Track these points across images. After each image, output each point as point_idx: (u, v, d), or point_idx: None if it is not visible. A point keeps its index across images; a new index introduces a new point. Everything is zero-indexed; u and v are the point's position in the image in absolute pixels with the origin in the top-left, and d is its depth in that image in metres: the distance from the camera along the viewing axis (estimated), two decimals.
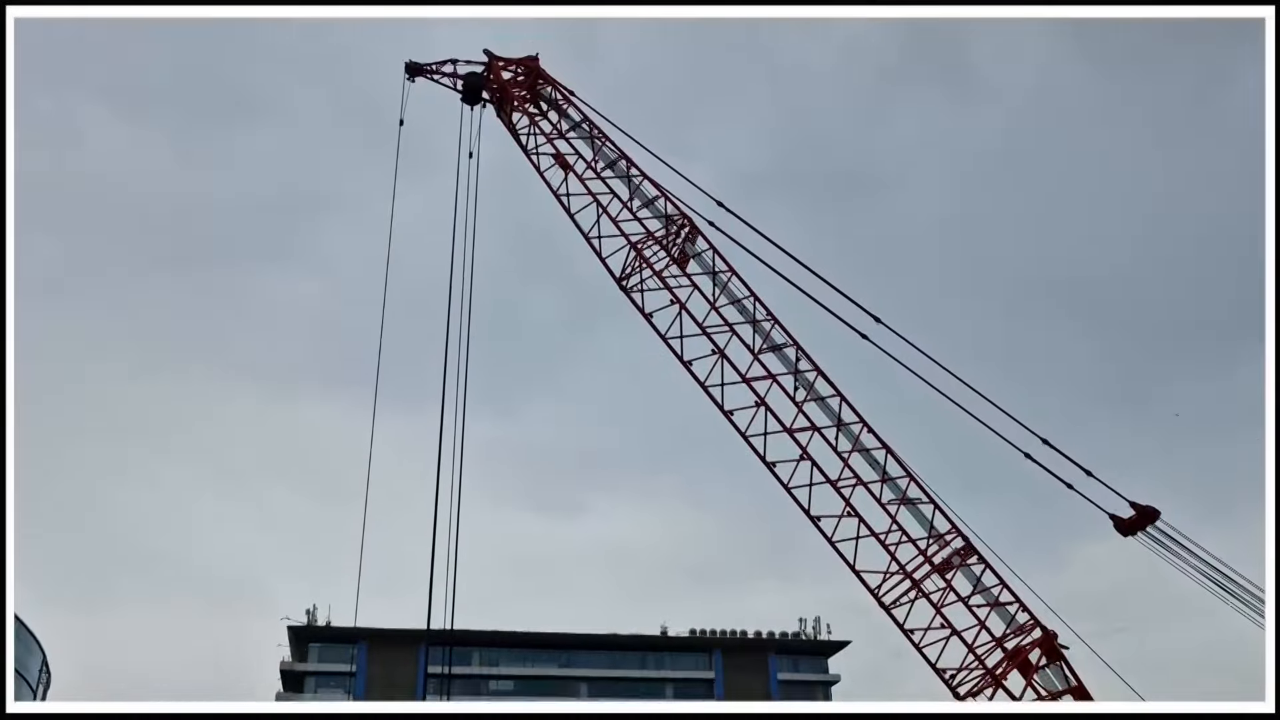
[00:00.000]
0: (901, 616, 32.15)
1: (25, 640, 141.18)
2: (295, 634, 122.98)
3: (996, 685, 30.29)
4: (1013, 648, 30.69)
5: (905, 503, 32.35)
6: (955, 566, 31.79)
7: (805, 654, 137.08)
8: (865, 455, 32.96)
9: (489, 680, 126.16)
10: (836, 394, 33.22)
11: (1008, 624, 31.18)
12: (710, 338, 34.17)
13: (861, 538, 32.43)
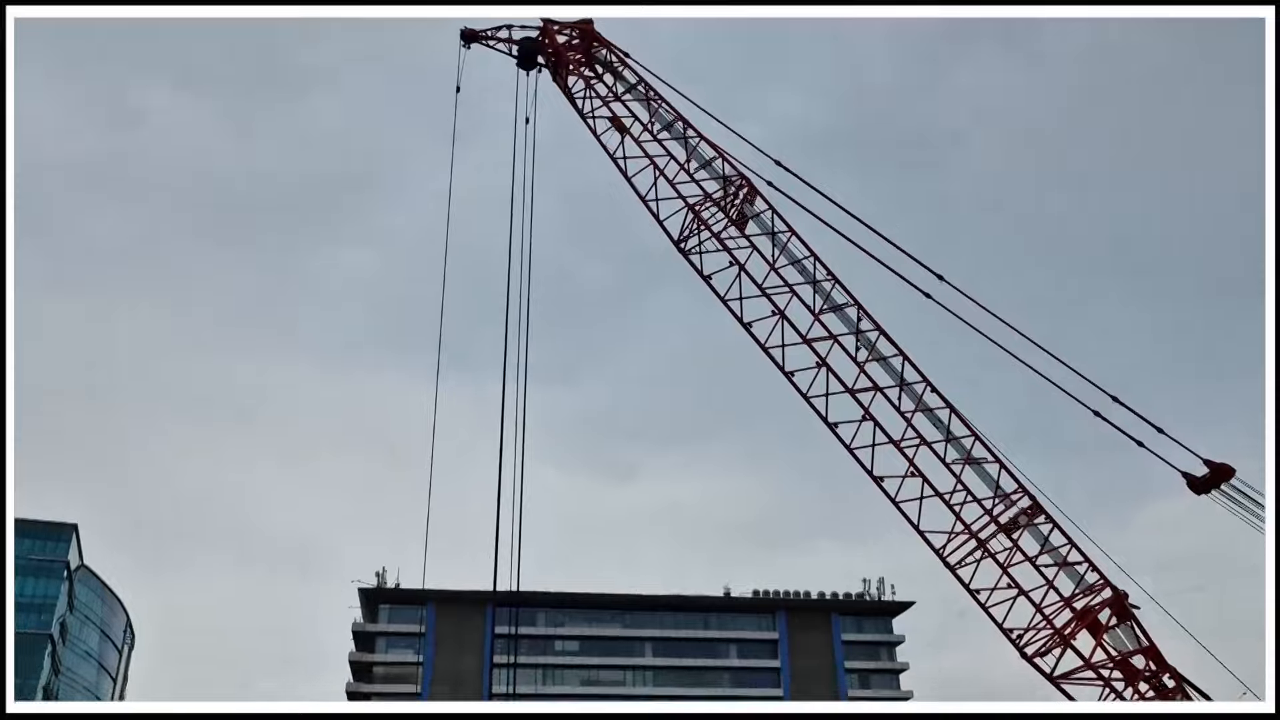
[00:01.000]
0: (967, 577, 31.90)
1: (110, 603, 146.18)
2: (366, 596, 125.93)
3: (1065, 645, 29.97)
4: (1081, 608, 30.31)
5: (970, 462, 31.98)
6: (1022, 526, 31.41)
7: (869, 615, 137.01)
8: (929, 415, 32.61)
9: (554, 640, 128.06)
10: (899, 353, 32.88)
11: (1076, 584, 30.77)
12: (770, 299, 33.95)
13: (925, 498, 32.17)
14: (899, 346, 32.93)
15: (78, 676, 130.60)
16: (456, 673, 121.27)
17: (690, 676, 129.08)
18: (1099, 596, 30.27)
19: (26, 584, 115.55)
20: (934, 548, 32.19)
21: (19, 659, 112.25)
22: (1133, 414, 30.94)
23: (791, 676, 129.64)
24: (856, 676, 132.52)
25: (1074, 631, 30.02)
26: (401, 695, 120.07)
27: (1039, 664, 30.48)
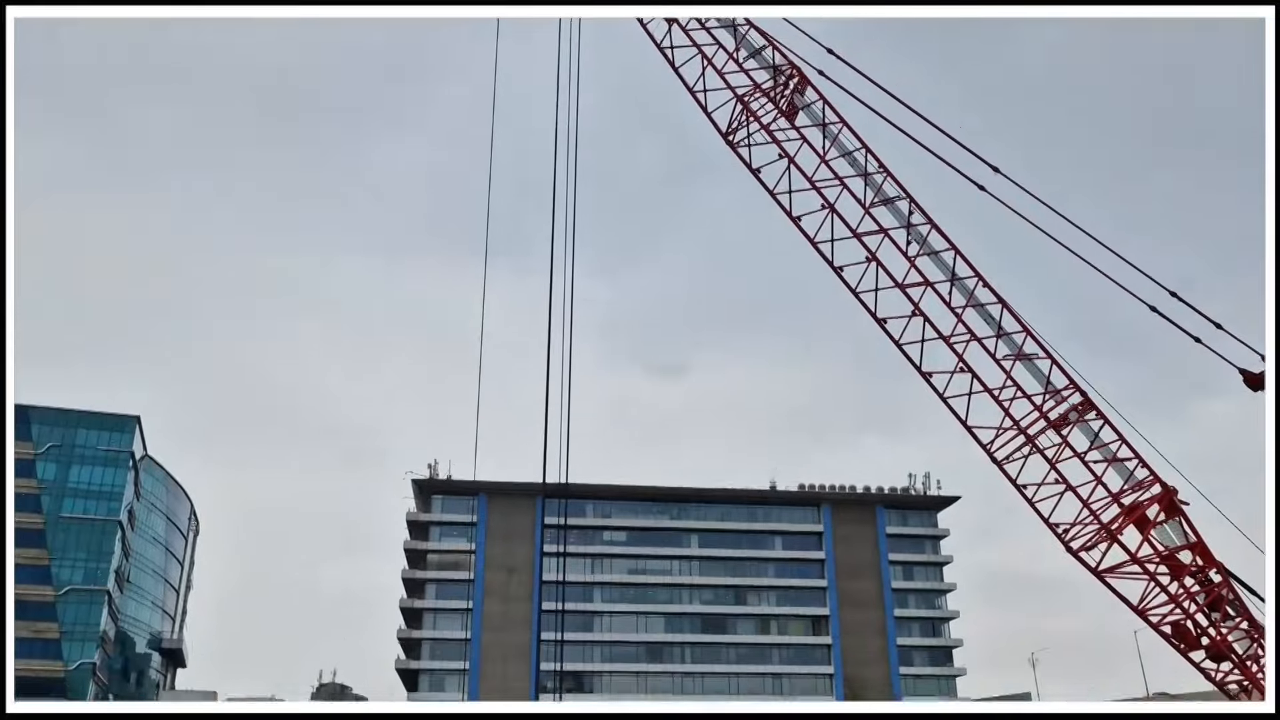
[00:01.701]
0: (1014, 472, 31.85)
1: (174, 491, 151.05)
2: (419, 487, 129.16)
3: (1111, 540, 29.97)
4: (1130, 504, 30.19)
5: (1021, 358, 31.62)
6: (1072, 422, 31.16)
7: (913, 509, 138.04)
8: (980, 310, 32.17)
9: (602, 531, 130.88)
10: (951, 248, 32.29)
11: (1125, 480, 30.59)
12: (820, 192, 33.35)
13: (974, 393, 31.95)
14: (950, 240, 32.34)
15: (147, 560, 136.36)
16: (508, 561, 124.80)
17: (736, 567, 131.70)
18: (1148, 493, 30.11)
19: (95, 473, 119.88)
20: (981, 443, 32.11)
21: (92, 543, 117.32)
22: (1191, 309, 30.27)
23: (836, 568, 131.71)
24: (900, 569, 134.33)
25: (1121, 527, 29.99)
26: (456, 582, 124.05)
27: (1084, 558, 30.58)
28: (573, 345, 34.87)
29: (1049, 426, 31.19)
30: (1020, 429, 31.35)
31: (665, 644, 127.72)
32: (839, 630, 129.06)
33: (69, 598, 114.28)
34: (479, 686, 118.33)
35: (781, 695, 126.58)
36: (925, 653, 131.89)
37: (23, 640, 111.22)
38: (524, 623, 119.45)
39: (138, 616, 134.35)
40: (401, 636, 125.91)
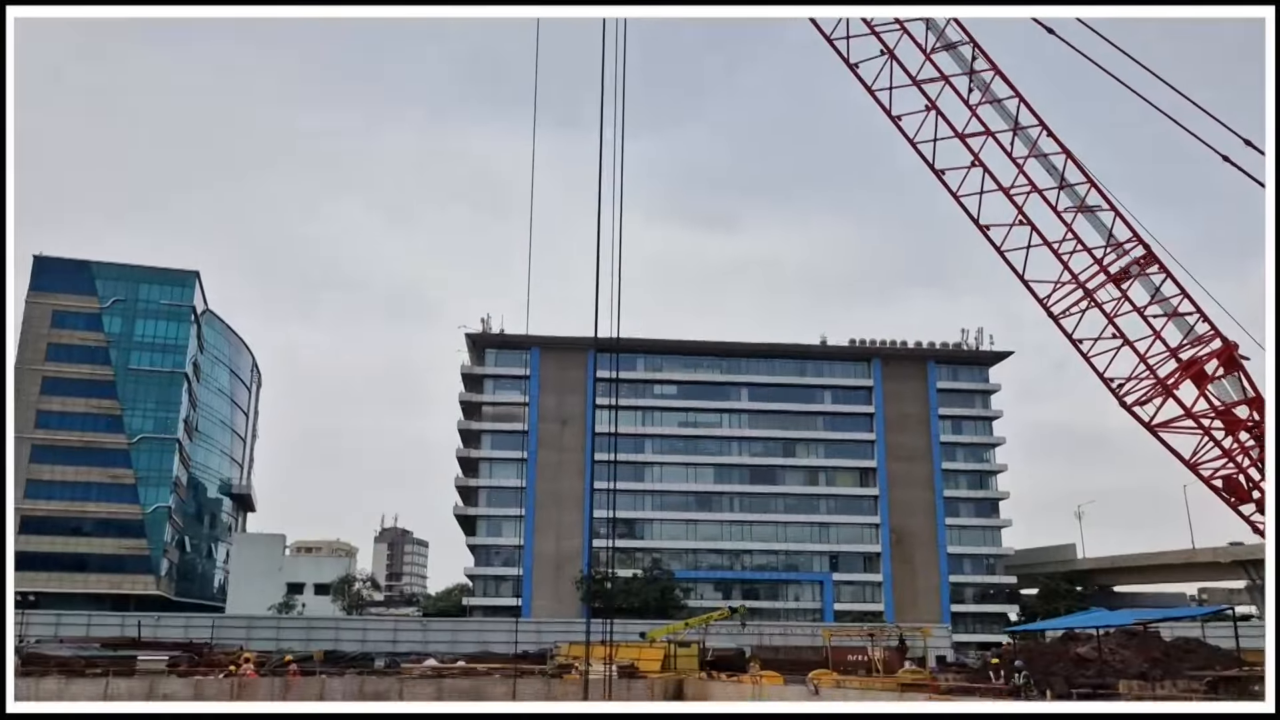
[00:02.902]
0: (1070, 327, 31.50)
1: (235, 344, 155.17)
2: (473, 341, 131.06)
3: (1167, 395, 29.74)
4: (1188, 358, 29.82)
5: (1083, 210, 30.81)
6: (1133, 276, 30.53)
7: (965, 364, 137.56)
8: (1042, 160, 31.23)
9: (653, 385, 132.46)
10: (1014, 94, 31.14)
11: (1185, 334, 30.11)
12: (879, 37, 32.16)
13: (1033, 246, 31.33)
14: (1014, 87, 31.16)
15: (213, 411, 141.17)
16: (561, 413, 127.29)
17: (785, 420, 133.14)
18: (1207, 347, 29.65)
19: (159, 327, 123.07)
20: (1038, 298, 31.68)
21: (160, 394, 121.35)
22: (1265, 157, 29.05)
23: (885, 422, 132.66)
24: (949, 423, 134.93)
25: (1178, 381, 29.70)
26: (509, 433, 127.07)
27: (1138, 413, 30.44)
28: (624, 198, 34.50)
29: (1108, 280, 30.63)
30: (1079, 283, 30.83)
31: (714, 494, 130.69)
32: (886, 482, 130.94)
33: (141, 445, 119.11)
34: (534, 532, 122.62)
35: (828, 543, 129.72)
36: (971, 505, 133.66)
37: (100, 485, 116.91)
38: (577, 472, 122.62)
39: (207, 463, 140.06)
40: (459, 485, 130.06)
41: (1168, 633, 47.97)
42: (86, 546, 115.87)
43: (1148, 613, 51.51)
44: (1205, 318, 29.96)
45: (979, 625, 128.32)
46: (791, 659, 55.99)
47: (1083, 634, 40.51)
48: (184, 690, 35.88)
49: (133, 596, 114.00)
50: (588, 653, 42.19)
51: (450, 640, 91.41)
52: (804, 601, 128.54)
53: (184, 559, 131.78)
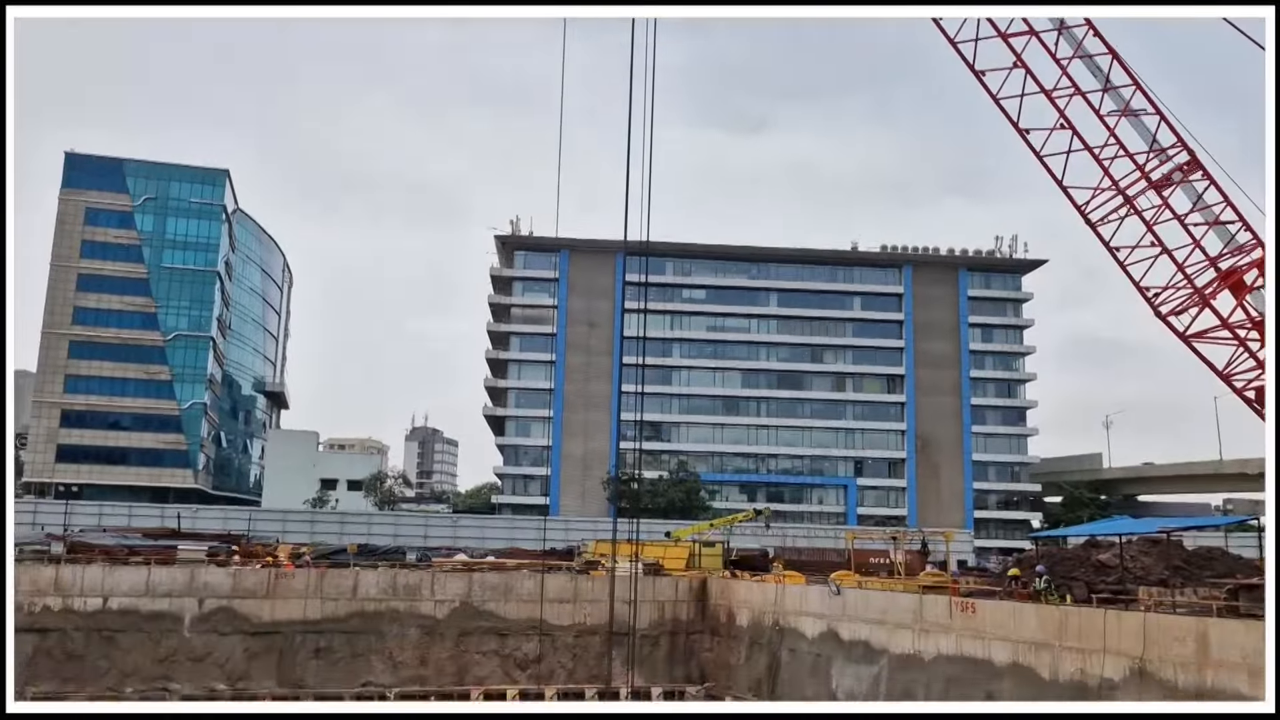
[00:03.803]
0: (1108, 235, 31.01)
1: (266, 244, 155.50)
2: (502, 242, 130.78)
3: (1204, 304, 29.38)
4: (1227, 268, 29.34)
5: (1127, 114, 30.04)
6: (1175, 183, 29.90)
7: (997, 271, 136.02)
8: (1087, 62, 30.35)
9: (682, 289, 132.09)
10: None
11: (1225, 243, 29.60)
12: None
13: (1073, 152, 30.70)
14: None
15: (246, 310, 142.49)
16: (589, 316, 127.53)
17: (813, 326, 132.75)
18: (1248, 257, 29.15)
19: (190, 225, 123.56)
20: (1076, 205, 31.15)
21: (193, 292, 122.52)
22: None
23: (914, 329, 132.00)
24: (980, 331, 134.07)
25: (1215, 291, 29.30)
26: (538, 335, 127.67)
27: (1172, 323, 30.15)
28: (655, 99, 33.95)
29: (1150, 187, 30.03)
30: (1119, 189, 30.26)
31: (741, 398, 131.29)
32: (914, 389, 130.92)
33: (176, 343, 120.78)
34: (562, 433, 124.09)
35: (854, 449, 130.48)
36: (998, 413, 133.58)
37: (137, 381, 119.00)
38: (605, 375, 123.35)
39: (241, 361, 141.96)
40: (488, 385, 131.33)
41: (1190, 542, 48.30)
42: (126, 440, 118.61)
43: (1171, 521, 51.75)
44: (1248, 226, 29.40)
45: (1001, 531, 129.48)
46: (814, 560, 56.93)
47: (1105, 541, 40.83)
48: (223, 580, 37.05)
49: (171, 489, 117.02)
50: (614, 550, 43.05)
51: (479, 536, 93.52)
52: (828, 505, 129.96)
53: (220, 454, 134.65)
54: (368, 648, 37.74)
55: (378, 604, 38.25)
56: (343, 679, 37.07)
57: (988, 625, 26.64)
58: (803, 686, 34.56)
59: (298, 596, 37.42)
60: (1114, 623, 23.00)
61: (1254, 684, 19.38)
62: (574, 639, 40.11)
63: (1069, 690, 23.58)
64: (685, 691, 40.24)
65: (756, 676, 37.36)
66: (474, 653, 38.92)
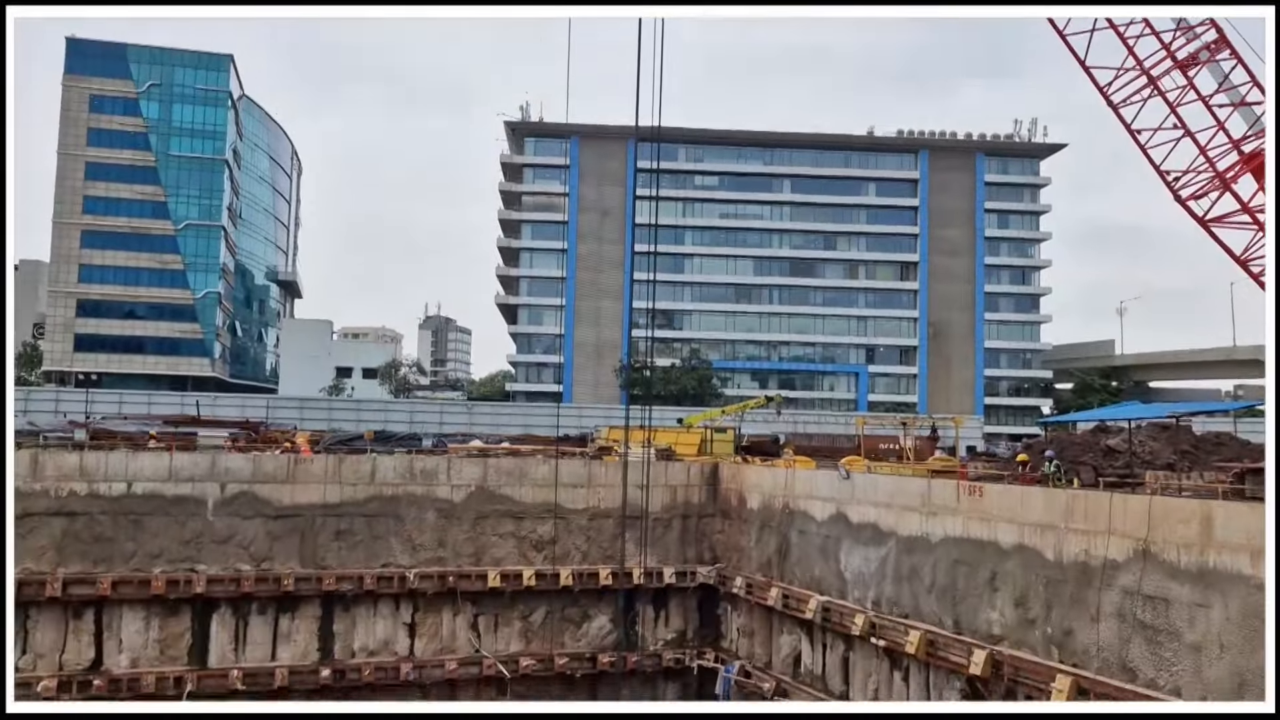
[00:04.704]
0: (1130, 116, 30.41)
1: (274, 131, 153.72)
2: (512, 129, 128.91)
3: (1225, 188, 28.98)
4: (1251, 150, 28.80)
5: None
6: (1201, 62, 29.15)
7: (1015, 156, 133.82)
8: None
9: (694, 175, 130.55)
10: None
11: (1250, 125, 28.99)
12: None
13: (1097, 30, 29.86)
14: None
15: (255, 198, 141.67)
16: (601, 203, 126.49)
17: (827, 213, 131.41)
18: None
19: (196, 112, 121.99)
20: (1099, 85, 30.46)
21: (202, 180, 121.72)
22: None
23: (929, 215, 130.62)
24: (995, 217, 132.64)
25: (1238, 175, 28.85)
26: (549, 223, 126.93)
27: (1192, 207, 29.81)
28: None
29: (1175, 66, 29.30)
30: (1143, 70, 29.53)
31: (754, 286, 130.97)
32: (927, 276, 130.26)
33: (187, 232, 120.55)
34: (574, 321, 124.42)
35: (866, 336, 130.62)
36: (1011, 300, 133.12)
37: (150, 270, 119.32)
38: (617, 263, 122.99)
39: (253, 250, 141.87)
40: (500, 274, 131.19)
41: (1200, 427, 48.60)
42: (142, 330, 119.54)
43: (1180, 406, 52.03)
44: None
45: (1011, 418, 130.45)
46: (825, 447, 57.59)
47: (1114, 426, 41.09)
48: (244, 465, 37.75)
49: (189, 378, 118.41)
50: (626, 436, 43.58)
51: (494, 423, 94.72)
52: (839, 393, 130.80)
53: (236, 343, 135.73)
54: (387, 530, 38.65)
55: (395, 488, 39.01)
56: (363, 560, 38.09)
57: (994, 508, 27.08)
58: (811, 567, 35.38)
59: (317, 481, 38.16)
60: (1119, 505, 23.33)
61: (1255, 564, 19.76)
62: (588, 522, 40.95)
63: (1073, 570, 24.09)
64: (696, 571, 41.24)
65: (766, 558, 38.24)
66: (491, 535, 39.85)
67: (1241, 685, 19.92)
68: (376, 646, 38.51)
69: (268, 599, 37.36)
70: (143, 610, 36.06)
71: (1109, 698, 22.41)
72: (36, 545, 35.29)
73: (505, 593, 39.69)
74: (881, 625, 30.80)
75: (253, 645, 37.17)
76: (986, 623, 27.13)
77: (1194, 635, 21.12)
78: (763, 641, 38.59)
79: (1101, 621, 23.40)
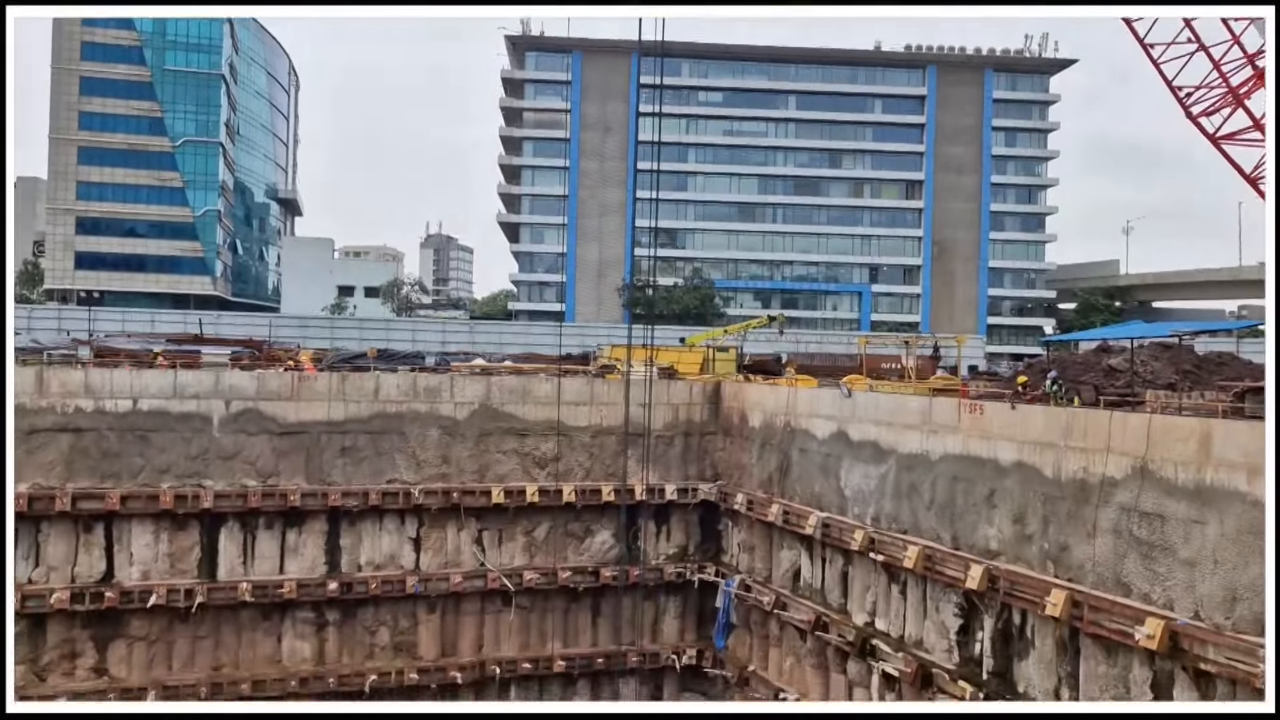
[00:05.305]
0: (1142, 30, 29.77)
1: (271, 46, 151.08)
2: (512, 43, 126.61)
3: (1237, 104, 28.55)
4: (1264, 66, 28.26)
5: None
6: None
7: (1024, 72, 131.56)
8: None
9: (698, 91, 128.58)
10: None
11: (1265, 40, 28.40)
12: None
13: None
14: None
15: (253, 115, 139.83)
16: (604, 120, 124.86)
17: (832, 130, 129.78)
18: None
19: (191, 26, 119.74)
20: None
21: (199, 96, 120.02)
22: None
23: (936, 132, 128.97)
24: (1003, 135, 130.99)
25: (1251, 90, 28.37)
26: (551, 139, 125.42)
27: (1203, 124, 29.40)
28: None
29: None
30: None
31: (757, 204, 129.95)
32: (932, 195, 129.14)
33: (185, 149, 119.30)
34: (577, 240, 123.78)
35: (870, 255, 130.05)
36: (1017, 219, 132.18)
37: (149, 188, 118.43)
38: (619, 181, 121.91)
39: (251, 168, 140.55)
40: (501, 192, 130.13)
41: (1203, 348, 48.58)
42: (143, 248, 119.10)
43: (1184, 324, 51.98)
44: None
45: (1013, 338, 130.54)
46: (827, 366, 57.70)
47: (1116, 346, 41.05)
48: (248, 383, 37.89)
49: (191, 296, 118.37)
50: (629, 355, 43.69)
51: (496, 342, 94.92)
52: (842, 312, 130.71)
53: (237, 261, 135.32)
54: (391, 447, 38.94)
55: (399, 406, 39.20)
56: (368, 476, 38.47)
57: (994, 426, 27.21)
58: (812, 484, 35.73)
59: (321, 399, 38.33)
60: (1119, 423, 23.42)
61: (1252, 481, 19.92)
62: (590, 439, 41.25)
63: (1071, 487, 24.30)
64: (698, 488, 41.67)
65: (767, 475, 38.60)
66: (494, 452, 40.17)
67: (1233, 600, 20.24)
68: (382, 561, 39.13)
69: (275, 514, 37.86)
70: (152, 525, 36.57)
71: (1102, 611, 22.79)
72: (45, 460, 35.63)
73: (509, 509, 40.19)
74: (880, 541, 31.21)
75: (261, 559, 37.77)
76: (984, 538, 27.49)
77: (1188, 551, 21.39)
78: (763, 556, 39.18)
79: (1098, 537, 23.69)
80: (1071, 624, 23.76)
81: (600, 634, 41.68)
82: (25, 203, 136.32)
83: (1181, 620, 21.05)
